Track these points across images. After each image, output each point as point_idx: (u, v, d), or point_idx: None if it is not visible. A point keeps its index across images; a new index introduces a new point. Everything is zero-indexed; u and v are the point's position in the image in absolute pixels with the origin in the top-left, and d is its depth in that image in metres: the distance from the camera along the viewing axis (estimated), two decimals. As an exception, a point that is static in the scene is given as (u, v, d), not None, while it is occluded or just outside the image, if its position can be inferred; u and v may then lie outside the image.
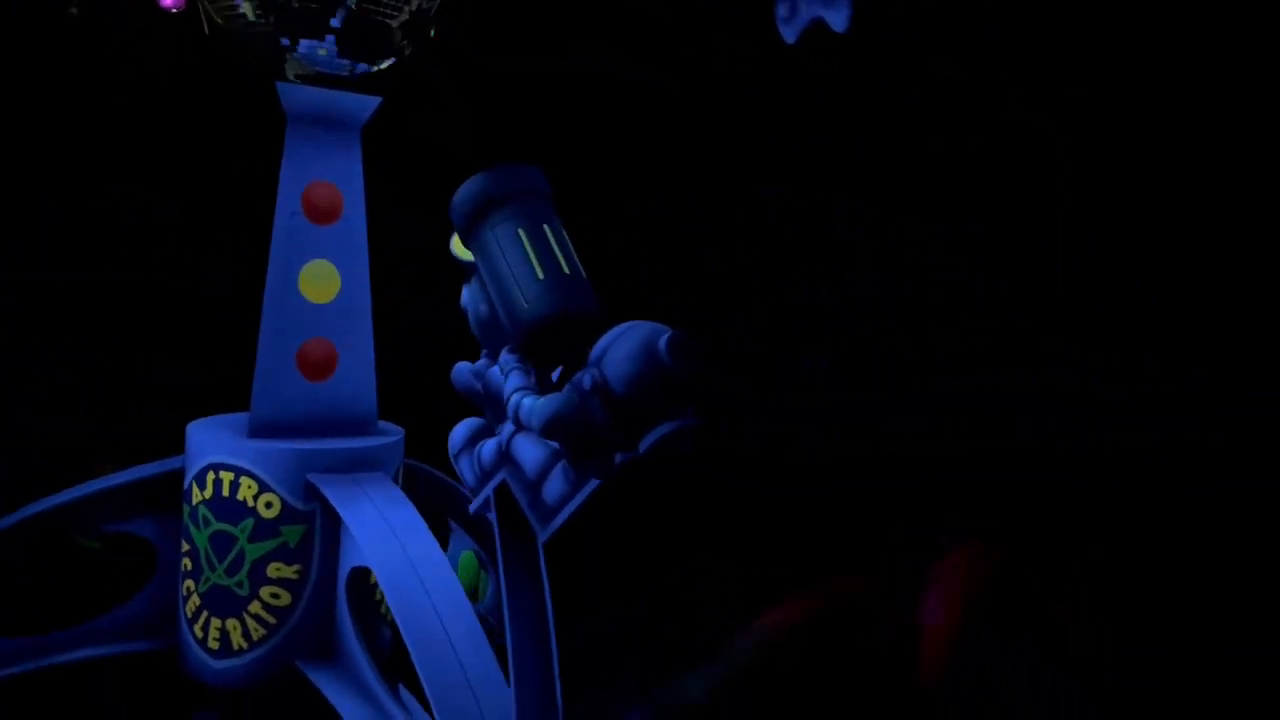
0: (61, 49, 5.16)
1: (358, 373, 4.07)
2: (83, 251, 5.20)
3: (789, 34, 3.07)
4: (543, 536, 2.49)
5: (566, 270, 2.67)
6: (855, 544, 4.38)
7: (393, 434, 4.14)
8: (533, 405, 2.45)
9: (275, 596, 3.75)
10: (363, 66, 3.92)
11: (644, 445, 2.34)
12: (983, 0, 4.36)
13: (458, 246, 3.75)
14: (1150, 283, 4.29)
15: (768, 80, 5.03)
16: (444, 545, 4.56)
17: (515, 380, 2.63)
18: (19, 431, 4.45)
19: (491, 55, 5.63)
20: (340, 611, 3.76)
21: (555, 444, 2.45)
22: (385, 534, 3.54)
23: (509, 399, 2.60)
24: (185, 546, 3.87)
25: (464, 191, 2.77)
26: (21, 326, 5.11)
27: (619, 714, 2.62)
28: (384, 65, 3.97)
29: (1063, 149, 4.38)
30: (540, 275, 2.64)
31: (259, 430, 3.89)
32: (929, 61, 4.59)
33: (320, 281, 3.99)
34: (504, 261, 2.68)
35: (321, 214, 4.00)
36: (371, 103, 4.00)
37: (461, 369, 2.88)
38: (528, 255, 2.66)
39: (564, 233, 2.76)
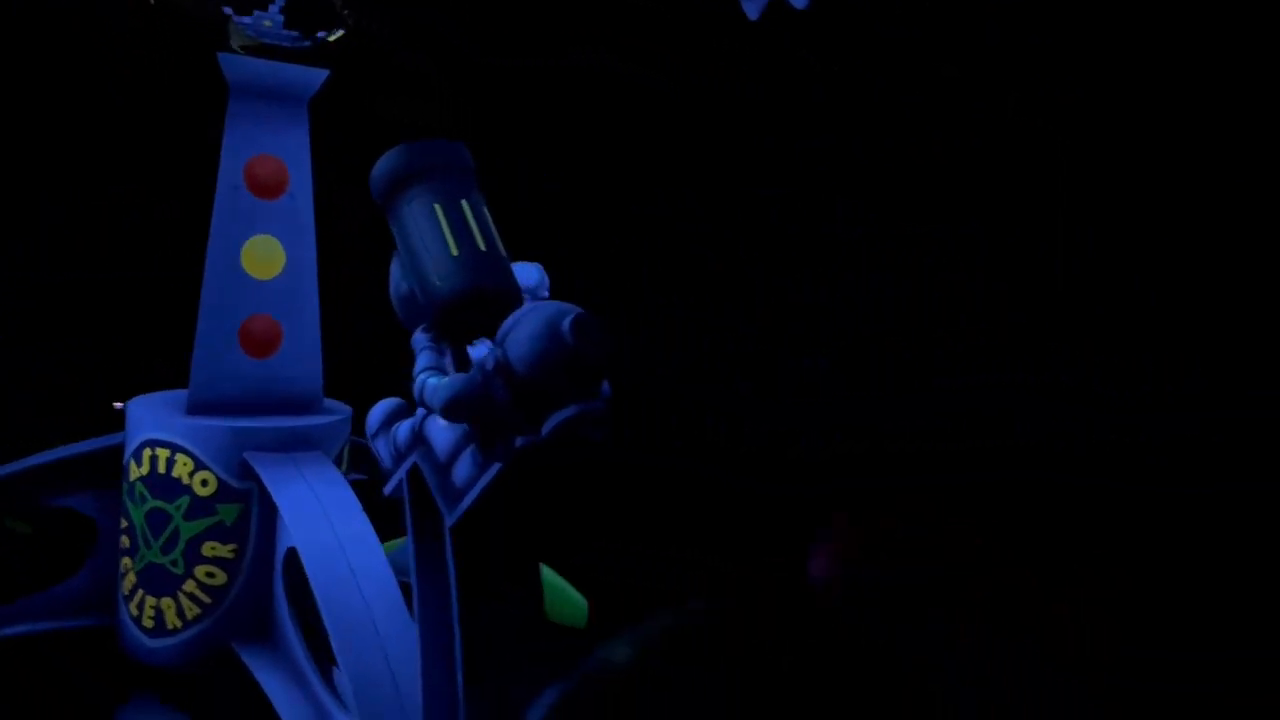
0: (61, 49, 5.15)
1: (303, 350, 3.98)
2: (83, 251, 5.19)
3: (751, 10, 3.04)
4: (449, 520, 2.42)
5: (483, 247, 2.55)
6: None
7: (339, 413, 4.06)
8: (435, 386, 2.38)
9: (210, 576, 3.68)
10: (313, 37, 3.84)
11: (546, 429, 2.23)
12: (983, 0, 4.36)
13: None
14: (1150, 283, 4.29)
15: (768, 80, 5.03)
16: (402, 528, 4.50)
17: (424, 360, 2.58)
18: (19, 431, 4.44)
19: (491, 55, 5.63)
20: (277, 593, 3.70)
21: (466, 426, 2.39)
22: (315, 514, 3.45)
23: (415, 379, 2.54)
24: (123, 523, 3.83)
25: (381, 164, 2.69)
26: (21, 326, 5.11)
27: (521, 697, 2.57)
28: (333, 37, 3.90)
29: (1062, 149, 4.39)
30: (454, 251, 2.52)
31: (197, 407, 3.81)
32: (929, 62, 4.60)
33: (264, 257, 3.91)
34: (418, 237, 2.58)
35: (265, 188, 3.91)
36: (319, 75, 3.91)
37: None
38: (442, 230, 2.57)
39: (484, 209, 2.63)
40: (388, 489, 2.63)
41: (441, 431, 2.47)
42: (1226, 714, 3.24)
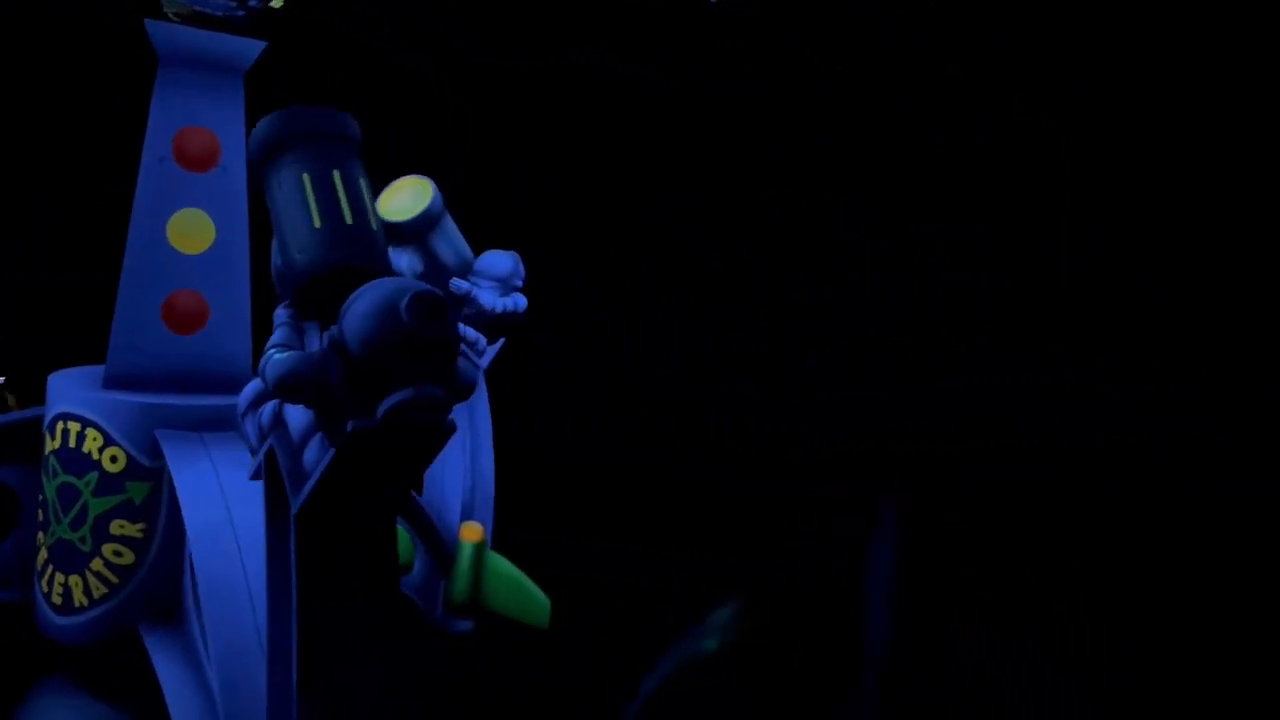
0: (62, 49, 5.13)
1: (231, 328, 3.89)
2: (83, 251, 5.17)
3: None
4: (293, 506, 2.30)
5: (349, 221, 2.42)
6: (856, 542, 4.38)
7: None
8: (275, 362, 2.23)
9: (118, 555, 3.60)
10: (248, 6, 3.77)
11: (380, 412, 2.09)
12: (986, 1, 4.37)
13: (382, 205, 3.61)
14: (1154, 283, 4.31)
15: (771, 80, 5.04)
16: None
17: (276, 336, 2.47)
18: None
19: (491, 55, 5.62)
20: (186, 577, 3.64)
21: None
22: (212, 495, 3.34)
23: (264, 355, 2.44)
24: (40, 497, 3.79)
25: (256, 130, 2.60)
26: (21, 326, 5.09)
27: (361, 694, 2.50)
28: (276, 3, 3.82)
29: (1067, 149, 4.40)
30: (317, 224, 2.41)
31: (113, 381, 3.75)
32: (933, 62, 4.61)
33: (191, 231, 3.83)
34: (284, 207, 2.46)
35: (195, 160, 3.85)
36: (256, 47, 3.86)
37: None
38: (308, 201, 2.43)
39: (360, 181, 2.50)
40: (250, 472, 2.53)
41: (298, 412, 2.38)
42: (1226, 714, 3.25)
